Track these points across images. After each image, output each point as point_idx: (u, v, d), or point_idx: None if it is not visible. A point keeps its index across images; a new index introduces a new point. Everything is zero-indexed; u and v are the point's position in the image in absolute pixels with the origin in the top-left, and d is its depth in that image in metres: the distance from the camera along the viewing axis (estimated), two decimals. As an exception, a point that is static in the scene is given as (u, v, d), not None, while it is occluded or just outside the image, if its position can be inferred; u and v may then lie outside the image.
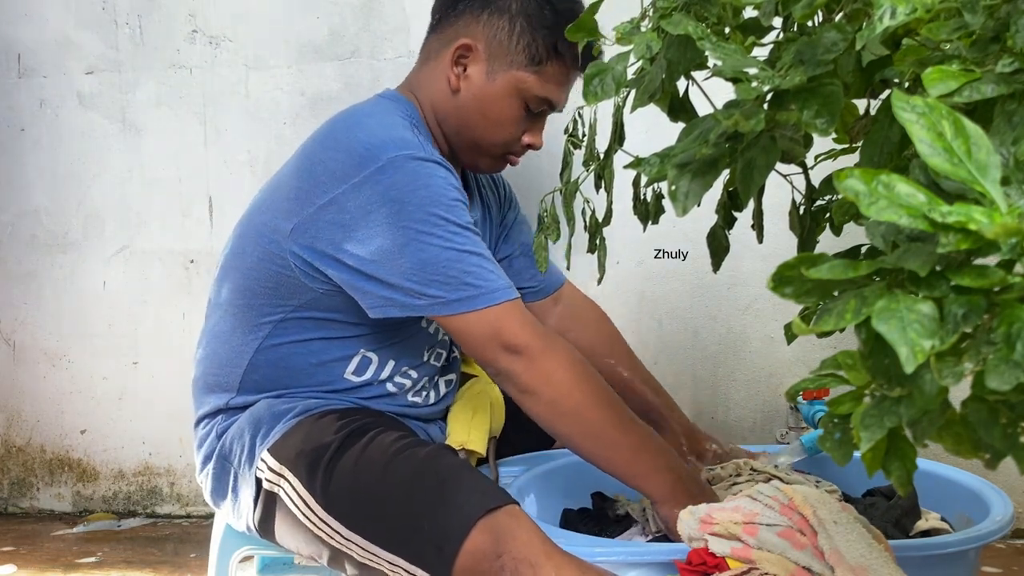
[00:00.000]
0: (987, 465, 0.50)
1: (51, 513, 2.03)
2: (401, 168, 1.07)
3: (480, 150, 1.23)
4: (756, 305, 1.75)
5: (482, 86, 1.18)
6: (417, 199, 1.06)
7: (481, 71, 1.18)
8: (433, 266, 1.05)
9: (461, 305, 1.06)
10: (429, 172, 1.08)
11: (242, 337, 1.19)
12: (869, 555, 0.81)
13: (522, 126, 1.21)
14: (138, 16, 1.89)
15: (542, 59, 1.17)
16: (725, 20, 0.74)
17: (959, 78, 0.52)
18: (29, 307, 1.99)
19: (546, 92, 1.19)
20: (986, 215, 0.42)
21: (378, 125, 1.12)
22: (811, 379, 0.58)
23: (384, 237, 1.06)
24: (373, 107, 1.19)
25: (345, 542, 1.05)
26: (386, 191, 1.06)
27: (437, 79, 1.20)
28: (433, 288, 1.06)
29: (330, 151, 1.12)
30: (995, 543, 1.04)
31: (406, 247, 1.05)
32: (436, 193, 1.07)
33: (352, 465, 1.06)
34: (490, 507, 0.96)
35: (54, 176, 1.95)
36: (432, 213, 1.06)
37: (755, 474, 1.20)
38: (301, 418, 1.14)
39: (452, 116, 1.21)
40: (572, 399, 1.06)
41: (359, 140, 1.10)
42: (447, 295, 1.06)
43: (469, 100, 1.19)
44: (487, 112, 1.19)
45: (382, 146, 1.08)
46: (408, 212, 1.06)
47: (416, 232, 1.05)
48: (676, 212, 0.66)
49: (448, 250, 1.06)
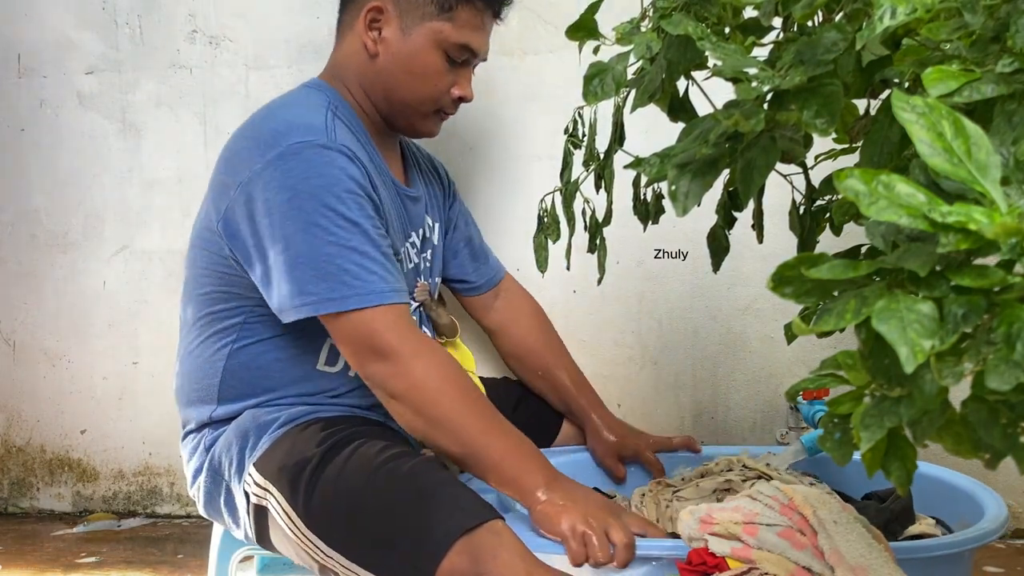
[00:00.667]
0: (987, 465, 0.50)
1: (51, 513, 2.02)
2: (298, 155, 1.06)
3: (412, 110, 1.22)
4: (756, 305, 1.75)
5: (399, 44, 1.18)
6: (309, 188, 1.05)
7: (395, 30, 1.18)
8: (314, 261, 1.04)
9: (333, 304, 1.04)
10: (327, 160, 1.06)
11: (211, 348, 1.19)
12: (869, 555, 0.81)
13: (448, 78, 1.21)
14: (138, 16, 1.89)
15: (452, 5, 1.17)
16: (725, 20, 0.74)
17: (959, 78, 0.52)
18: (29, 307, 1.99)
19: (463, 38, 1.18)
20: (986, 215, 0.42)
21: (290, 113, 1.12)
22: (811, 379, 0.58)
23: (276, 228, 1.06)
24: (293, 97, 1.20)
25: (327, 558, 1.03)
26: (283, 178, 1.06)
27: (355, 51, 1.20)
28: (311, 285, 1.04)
29: (242, 140, 1.13)
30: (995, 543, 1.04)
31: (292, 238, 1.05)
32: (330, 182, 1.05)
33: (333, 480, 1.03)
34: (470, 526, 0.92)
35: (54, 176, 1.95)
36: (323, 203, 1.05)
37: (746, 471, 1.20)
38: (286, 428, 1.13)
39: (377, 82, 1.20)
40: (440, 407, 1.04)
41: (267, 127, 1.10)
42: (323, 294, 1.04)
43: (389, 61, 1.19)
44: (410, 68, 1.18)
45: (286, 132, 1.08)
46: (299, 202, 1.05)
47: (304, 224, 1.04)
48: (676, 212, 0.66)
49: (331, 245, 1.04)
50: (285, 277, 1.06)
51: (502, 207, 1.79)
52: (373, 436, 1.10)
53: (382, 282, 1.06)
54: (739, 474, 1.19)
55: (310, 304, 1.05)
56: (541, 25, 1.75)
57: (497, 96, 1.78)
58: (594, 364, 1.81)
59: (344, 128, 1.14)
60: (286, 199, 1.05)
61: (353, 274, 1.05)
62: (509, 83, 1.77)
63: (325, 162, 1.06)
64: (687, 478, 1.24)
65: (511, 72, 1.77)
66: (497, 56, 1.77)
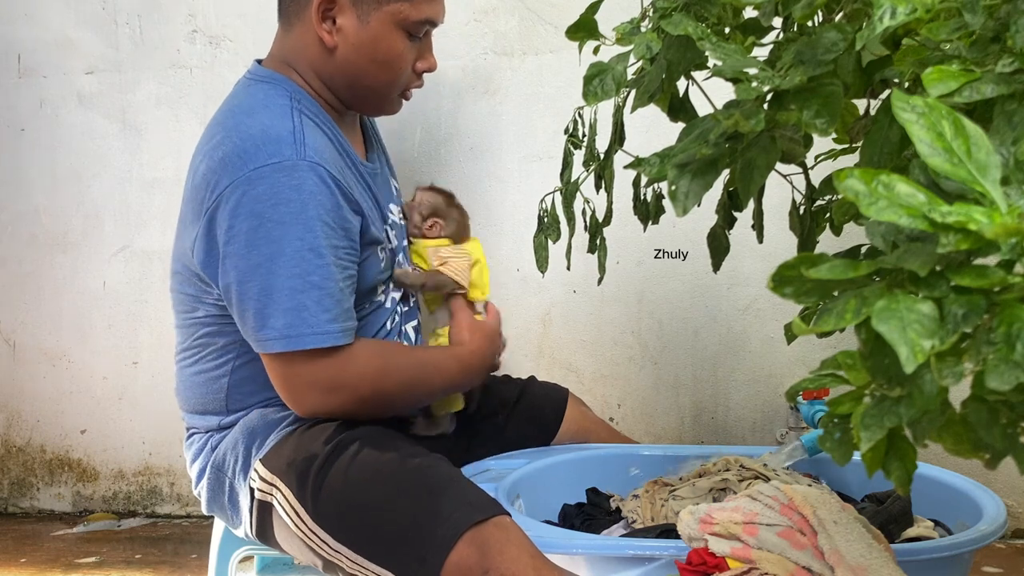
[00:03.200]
0: (987, 465, 0.50)
1: (51, 513, 2.02)
2: (265, 180, 1.03)
3: (377, 95, 1.19)
4: (756, 305, 1.75)
5: (359, 33, 1.12)
6: (277, 215, 1.03)
7: (352, 19, 1.12)
8: (276, 295, 1.04)
9: (291, 343, 1.05)
10: (295, 184, 1.04)
11: (212, 364, 1.18)
12: (869, 555, 0.81)
13: (411, 57, 1.17)
14: (138, 16, 1.89)
15: None
16: (725, 20, 0.74)
17: (959, 78, 0.52)
18: (29, 307, 1.99)
19: (423, 13, 1.13)
20: (986, 215, 0.42)
21: (256, 124, 1.08)
22: (811, 379, 0.58)
23: (240, 258, 1.05)
24: (252, 98, 1.14)
25: (335, 553, 1.04)
26: (251, 204, 1.03)
27: (309, 43, 1.14)
28: (273, 319, 1.04)
29: (206, 160, 1.09)
30: (995, 543, 1.04)
31: (257, 269, 1.04)
32: (297, 210, 1.04)
33: (341, 475, 1.05)
34: (477, 519, 0.94)
35: (54, 176, 1.95)
36: (288, 233, 1.03)
37: (744, 470, 1.20)
38: (295, 427, 1.14)
39: (339, 74, 1.15)
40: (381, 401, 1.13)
41: (233, 145, 1.06)
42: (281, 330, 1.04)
43: (351, 52, 1.13)
44: (374, 56, 1.13)
45: (254, 152, 1.05)
46: (265, 231, 1.03)
47: (269, 254, 1.03)
48: (676, 212, 0.67)
49: (295, 278, 1.04)
50: (250, 307, 1.06)
51: (502, 207, 1.80)
52: (380, 434, 1.11)
53: (337, 320, 1.06)
54: (736, 474, 1.19)
55: (273, 340, 1.05)
56: (541, 25, 1.75)
57: (497, 96, 1.78)
58: (594, 364, 1.81)
59: (310, 124, 1.11)
60: (253, 227, 1.04)
61: (311, 311, 1.04)
62: (509, 83, 1.77)
63: (293, 186, 1.04)
64: (684, 477, 1.24)
65: (511, 72, 1.77)
66: (497, 56, 1.77)
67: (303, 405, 1.10)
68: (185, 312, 1.19)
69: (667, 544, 0.98)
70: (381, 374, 1.12)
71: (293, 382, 1.09)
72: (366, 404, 1.11)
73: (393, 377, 1.13)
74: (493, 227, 1.80)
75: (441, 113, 1.78)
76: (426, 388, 1.19)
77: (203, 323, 1.17)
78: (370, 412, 1.13)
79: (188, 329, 1.20)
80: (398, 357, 1.16)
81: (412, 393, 1.17)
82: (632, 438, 1.56)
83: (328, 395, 1.09)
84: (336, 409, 1.10)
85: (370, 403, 1.12)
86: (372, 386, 1.11)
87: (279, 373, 1.09)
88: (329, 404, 1.09)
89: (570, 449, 1.37)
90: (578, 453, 1.36)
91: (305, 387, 1.08)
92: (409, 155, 1.81)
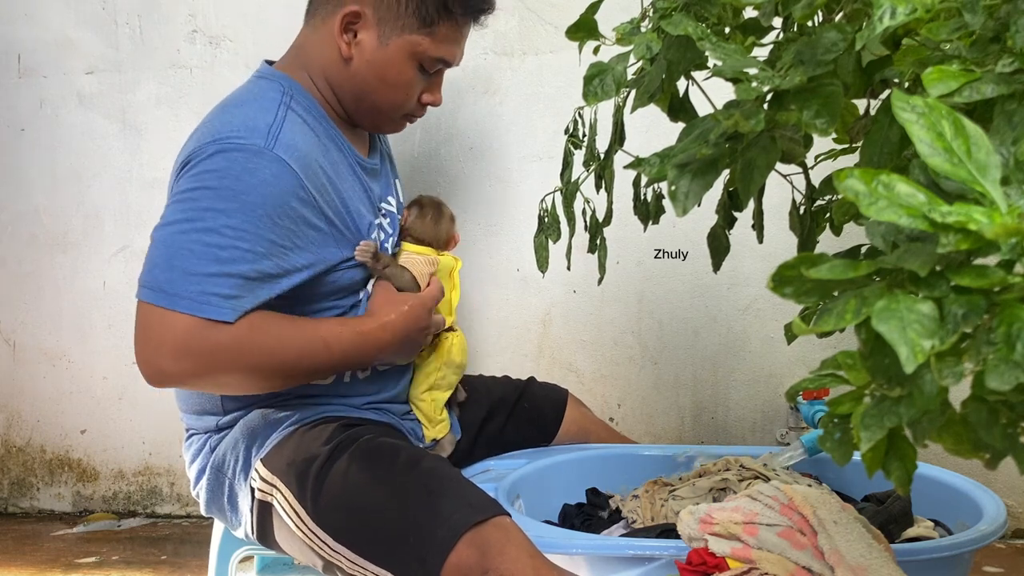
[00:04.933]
0: (987, 465, 0.50)
1: (51, 513, 2.02)
2: (224, 153, 1.03)
3: (380, 114, 1.20)
4: (756, 305, 1.75)
5: (375, 52, 1.14)
6: (218, 185, 1.02)
7: (372, 37, 1.14)
8: (176, 251, 1.01)
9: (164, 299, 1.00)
10: (251, 168, 1.03)
11: None
12: (869, 555, 0.81)
13: (419, 87, 1.19)
14: (138, 16, 1.89)
15: (433, 20, 1.14)
16: (725, 20, 0.74)
17: (959, 78, 0.52)
18: (29, 307, 1.99)
19: (440, 52, 1.16)
20: (986, 215, 0.42)
21: (239, 114, 1.08)
22: (811, 379, 0.58)
23: (168, 211, 1.03)
24: (247, 92, 1.16)
25: (334, 553, 1.04)
26: (199, 172, 1.03)
27: (326, 48, 1.16)
28: (158, 270, 1.01)
29: (191, 143, 1.10)
30: (995, 543, 1.04)
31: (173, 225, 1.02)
32: (242, 188, 1.02)
33: (341, 476, 1.04)
34: (477, 520, 0.94)
35: (54, 176, 1.95)
36: (221, 205, 1.01)
37: (743, 471, 1.20)
38: (295, 427, 1.13)
39: (347, 84, 1.17)
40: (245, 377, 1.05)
41: (212, 128, 1.07)
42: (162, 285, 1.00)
43: (363, 67, 1.15)
44: (383, 77, 1.15)
45: (224, 131, 1.05)
46: (199, 195, 1.02)
47: (191, 214, 1.01)
48: (676, 212, 0.66)
49: (202, 245, 1.00)
50: (149, 254, 1.03)
51: (502, 207, 1.80)
52: (381, 435, 1.11)
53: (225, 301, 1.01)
54: (736, 474, 1.19)
55: (146, 288, 1.02)
56: (541, 25, 1.75)
57: (497, 96, 1.78)
58: (594, 364, 1.81)
59: (296, 122, 1.10)
60: (191, 188, 1.03)
61: (202, 279, 1.00)
62: (509, 83, 1.77)
63: (248, 169, 1.02)
64: (684, 477, 1.24)
65: (511, 72, 1.77)
66: (497, 56, 1.77)
67: (147, 366, 1.01)
68: None
69: (667, 544, 0.98)
70: (248, 347, 1.03)
71: (143, 337, 1.02)
72: (225, 377, 1.04)
73: (265, 351, 1.04)
74: (493, 227, 1.80)
75: (441, 113, 1.78)
76: (311, 362, 1.08)
77: None
78: (234, 387, 1.09)
79: None
80: (276, 328, 1.06)
81: (293, 368, 1.08)
82: (632, 438, 1.56)
83: (175, 361, 1.00)
84: (187, 381, 1.03)
85: (231, 376, 1.04)
86: (232, 361, 1.02)
87: (139, 323, 1.02)
88: (177, 371, 1.01)
89: (570, 449, 1.38)
90: (578, 453, 1.36)
91: (154, 346, 1.01)
92: (409, 155, 1.81)
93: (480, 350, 1.83)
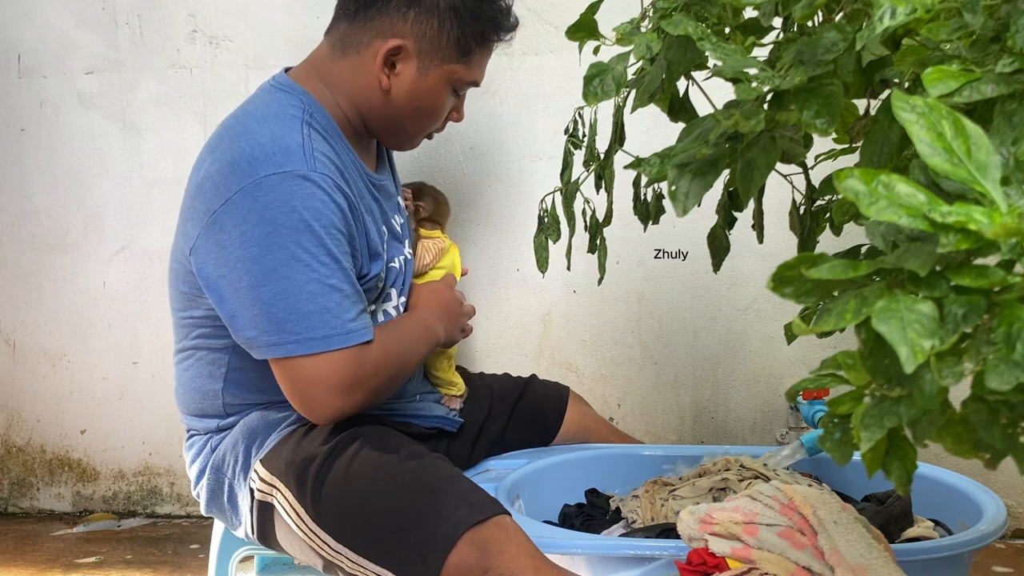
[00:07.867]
0: (987, 465, 0.50)
1: (51, 513, 2.02)
2: (277, 188, 1.03)
3: (408, 135, 1.24)
4: (756, 305, 1.75)
5: (414, 82, 1.16)
6: (291, 222, 1.03)
7: (412, 68, 1.15)
8: (295, 299, 1.02)
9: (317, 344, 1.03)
10: (309, 192, 1.04)
11: (208, 367, 1.18)
12: (869, 555, 0.81)
13: (449, 107, 1.23)
14: (138, 16, 1.89)
15: (471, 49, 1.17)
16: (725, 20, 0.74)
17: (959, 78, 0.52)
18: (29, 307, 1.99)
19: (474, 76, 1.20)
20: (986, 215, 0.42)
21: (265, 133, 1.08)
22: (811, 379, 0.58)
23: (254, 263, 1.03)
24: (265, 107, 1.14)
25: (335, 553, 1.04)
26: (262, 210, 1.03)
27: (362, 76, 1.16)
28: (291, 323, 1.03)
29: (216, 162, 1.08)
30: (999, 544, 1.04)
31: (272, 274, 1.02)
32: (313, 216, 1.03)
33: (341, 475, 1.05)
34: (478, 519, 0.94)
35: (54, 176, 1.95)
36: (305, 239, 1.03)
37: (744, 470, 1.20)
38: (295, 428, 1.14)
39: (380, 110, 1.18)
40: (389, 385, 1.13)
41: (241, 150, 1.06)
42: (304, 333, 1.03)
43: (401, 96, 1.17)
44: (420, 105, 1.18)
45: (264, 160, 1.04)
46: (279, 237, 1.02)
47: (285, 259, 1.03)
48: (676, 212, 0.67)
49: (314, 282, 1.03)
50: (261, 313, 1.04)
51: (502, 207, 1.80)
52: (380, 434, 1.11)
53: (359, 319, 1.07)
54: (736, 474, 1.19)
55: (291, 343, 1.04)
56: (541, 25, 1.75)
57: (497, 96, 1.77)
58: (594, 364, 1.81)
59: (319, 138, 1.11)
60: (266, 233, 1.03)
61: (333, 313, 1.04)
62: (509, 83, 1.77)
63: (305, 195, 1.04)
64: (684, 477, 1.24)
65: (511, 72, 1.77)
66: (497, 56, 1.76)
67: (322, 410, 1.06)
68: (180, 310, 1.19)
69: (667, 544, 0.98)
70: (386, 358, 1.10)
71: (309, 387, 1.05)
72: (380, 394, 1.11)
73: (393, 358, 1.12)
74: (493, 227, 1.80)
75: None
76: (412, 360, 1.18)
77: (198, 324, 1.17)
78: (386, 395, 1.14)
79: (184, 328, 1.20)
80: (386, 336, 1.13)
81: (404, 369, 1.16)
82: (633, 437, 1.56)
83: (348, 395, 1.06)
84: (357, 408, 1.08)
85: (383, 391, 1.12)
86: (385, 373, 1.10)
87: (293, 378, 1.06)
88: (350, 404, 1.06)
89: (570, 449, 1.38)
90: (578, 453, 1.36)
91: (324, 391, 1.05)
92: (409, 155, 1.80)
93: (480, 350, 1.83)
